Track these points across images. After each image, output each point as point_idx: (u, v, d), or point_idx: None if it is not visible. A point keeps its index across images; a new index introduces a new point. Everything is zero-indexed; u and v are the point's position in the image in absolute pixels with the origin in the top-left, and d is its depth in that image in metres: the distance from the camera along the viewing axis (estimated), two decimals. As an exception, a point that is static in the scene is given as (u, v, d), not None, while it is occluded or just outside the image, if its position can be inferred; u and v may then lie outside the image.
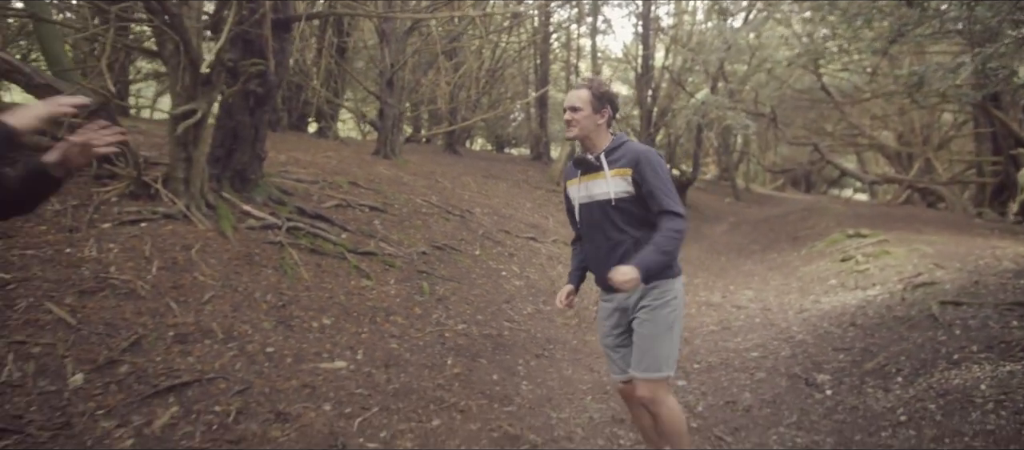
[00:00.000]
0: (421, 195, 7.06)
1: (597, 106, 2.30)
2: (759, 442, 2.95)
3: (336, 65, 12.05)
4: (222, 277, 3.60)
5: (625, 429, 3.14)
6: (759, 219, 14.72)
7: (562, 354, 4.31)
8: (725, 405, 3.44)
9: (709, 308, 6.01)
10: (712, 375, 3.95)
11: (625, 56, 16.88)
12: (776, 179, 26.53)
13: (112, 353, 2.65)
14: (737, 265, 9.01)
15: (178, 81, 4.64)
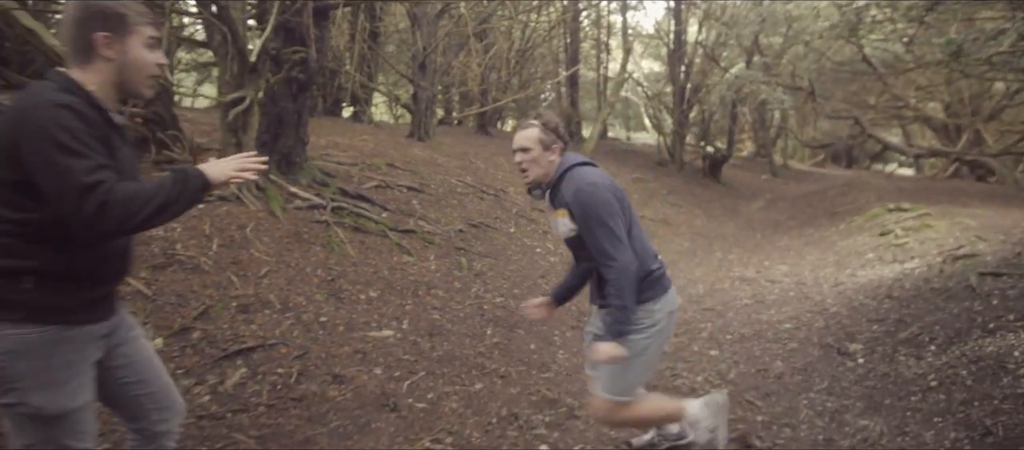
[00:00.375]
0: (456, 176, 7.24)
1: (547, 142, 2.14)
2: (789, 406, 3.05)
3: (369, 50, 12.28)
4: (275, 253, 3.85)
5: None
6: (797, 195, 14.49)
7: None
8: (756, 372, 3.54)
9: (743, 283, 6.05)
10: (744, 345, 4.04)
11: (657, 32, 16.66)
12: (816, 155, 25.88)
13: (185, 320, 2.91)
14: (772, 241, 8.96)
15: (227, 70, 4.89)
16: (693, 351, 3.98)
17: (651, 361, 2.26)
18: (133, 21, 1.42)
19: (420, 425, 2.70)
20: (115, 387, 1.54)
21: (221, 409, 2.48)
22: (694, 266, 7.04)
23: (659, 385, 3.38)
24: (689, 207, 11.03)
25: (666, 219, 9.52)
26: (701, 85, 14.73)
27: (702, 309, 5.05)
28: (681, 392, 3.29)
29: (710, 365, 3.70)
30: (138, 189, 1.30)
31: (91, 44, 1.38)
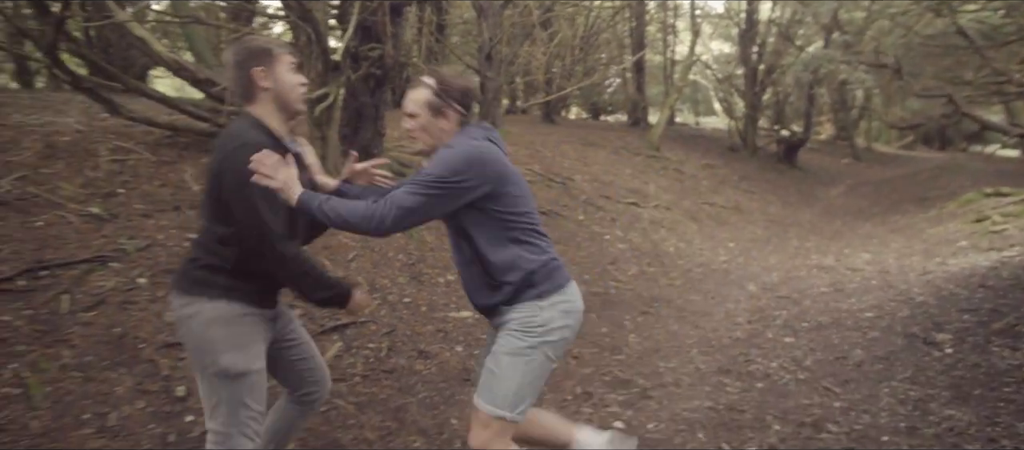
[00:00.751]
0: (523, 164, 7.38)
1: (437, 107, 1.81)
2: (869, 393, 3.00)
3: (436, 42, 12.60)
4: (360, 239, 4.12)
5: (731, 379, 3.30)
6: (881, 180, 13.72)
7: (668, 312, 4.48)
8: (835, 360, 3.48)
9: (820, 271, 5.87)
10: (822, 333, 3.97)
11: (727, 12, 16.09)
12: (904, 136, 24.21)
13: (288, 299, 3.20)
14: (854, 228, 8.58)
15: (311, 69, 5.22)
16: (767, 338, 3.95)
17: (537, 373, 1.81)
18: (276, 52, 1.72)
19: (500, 400, 2.87)
20: (285, 362, 1.90)
21: (322, 379, 2.74)
22: (768, 254, 6.87)
23: (732, 370, 3.41)
24: (763, 194, 10.69)
25: (738, 206, 9.29)
26: (775, 66, 14.15)
27: (777, 297, 4.96)
28: (755, 378, 3.30)
29: (785, 352, 3.67)
30: (298, 259, 1.65)
31: (251, 80, 1.68)
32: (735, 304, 4.79)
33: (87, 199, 3.72)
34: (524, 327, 1.79)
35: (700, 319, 4.37)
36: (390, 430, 2.52)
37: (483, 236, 1.79)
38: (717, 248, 6.81)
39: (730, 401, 3.00)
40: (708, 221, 7.99)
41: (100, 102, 4.37)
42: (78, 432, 2.25)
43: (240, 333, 1.66)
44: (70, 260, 3.05)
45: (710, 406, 2.94)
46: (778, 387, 3.15)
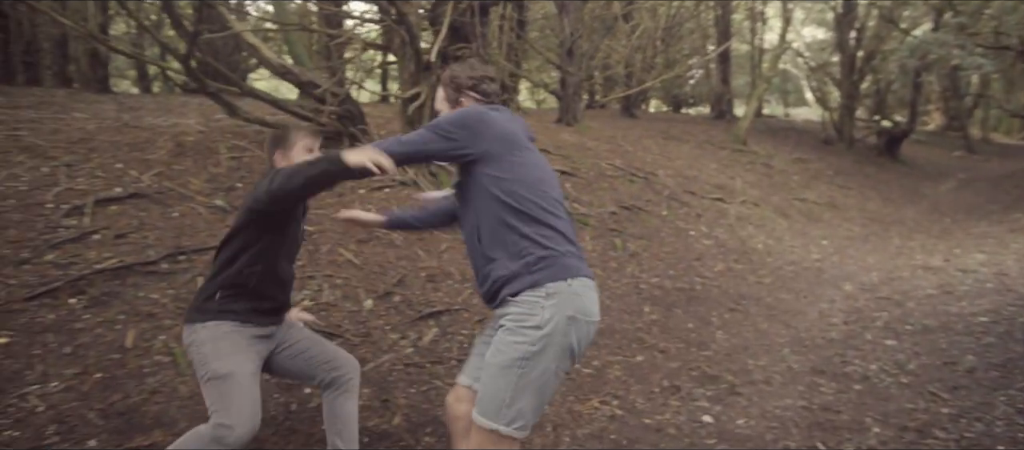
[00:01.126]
0: (605, 159, 7.38)
1: (453, 98, 1.88)
2: (983, 401, 2.83)
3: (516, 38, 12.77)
4: (451, 231, 4.32)
5: (826, 379, 3.21)
6: (1000, 175, 12.51)
7: (756, 310, 4.38)
8: (943, 365, 3.29)
9: (927, 271, 5.50)
10: (928, 337, 3.75)
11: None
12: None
13: (387, 286, 3.44)
14: (965, 227, 7.92)
15: (405, 69, 5.49)
16: (866, 340, 3.78)
17: (541, 385, 1.63)
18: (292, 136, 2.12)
19: (588, 387, 2.96)
20: (284, 362, 2.12)
21: (421, 359, 2.94)
22: (866, 253, 6.50)
23: (826, 371, 3.30)
24: (860, 189, 10.07)
25: (833, 202, 8.82)
26: (875, 52, 13.22)
27: (876, 298, 4.71)
28: (852, 379, 3.19)
29: (886, 354, 3.50)
30: (292, 168, 1.77)
31: (272, 161, 2.10)
32: (830, 304, 4.60)
33: (212, 192, 4.14)
34: (519, 326, 1.61)
35: (792, 318, 4.24)
36: (485, 411, 2.67)
37: (485, 214, 1.69)
38: (809, 246, 6.52)
39: (825, 401, 2.92)
40: (799, 218, 7.65)
41: (221, 104, 4.82)
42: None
43: (226, 345, 1.93)
44: (202, 247, 3.43)
45: (804, 405, 2.88)
46: (878, 389, 3.03)
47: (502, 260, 1.67)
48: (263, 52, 5.46)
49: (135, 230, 3.45)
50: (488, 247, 1.70)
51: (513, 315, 1.64)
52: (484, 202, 1.69)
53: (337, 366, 2.16)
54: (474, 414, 1.67)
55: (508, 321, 1.65)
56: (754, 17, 17.02)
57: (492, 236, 1.69)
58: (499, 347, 1.65)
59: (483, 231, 1.71)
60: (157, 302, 2.95)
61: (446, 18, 4.78)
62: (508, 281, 1.66)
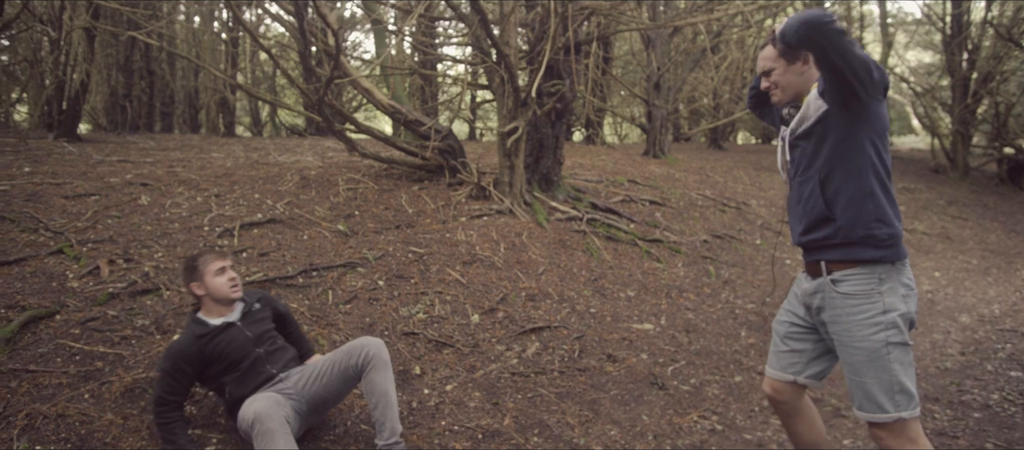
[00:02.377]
0: (694, 189, 7.40)
1: (789, 56, 1.84)
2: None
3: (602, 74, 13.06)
4: (548, 256, 4.56)
5: (941, 407, 3.09)
6: None
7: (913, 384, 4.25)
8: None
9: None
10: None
11: (927, 16, 14.40)
12: None
13: (491, 303, 3.71)
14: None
15: (503, 105, 5.88)
16: (986, 370, 3.58)
17: (897, 364, 1.69)
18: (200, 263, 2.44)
19: (686, 403, 3.04)
20: (313, 397, 2.46)
21: (526, 370, 3.15)
22: (987, 285, 6.06)
23: (941, 399, 3.18)
24: (978, 220, 9.35)
25: (945, 233, 8.26)
26: (992, 73, 12.31)
27: (999, 329, 4.42)
28: (971, 407, 3.06)
29: (1010, 385, 3.32)
30: (168, 432, 2.27)
31: (189, 289, 2.47)
32: (944, 335, 4.37)
33: (334, 219, 4.64)
34: (860, 311, 1.72)
35: (900, 348, 4.08)
36: (587, 419, 2.82)
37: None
38: (920, 278, 6.17)
39: (939, 427, 2.83)
40: (907, 249, 7.25)
41: (344, 142, 5.39)
42: (352, 394, 2.90)
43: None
44: (330, 264, 3.87)
45: (915, 430, 2.81)
46: (1001, 418, 2.89)
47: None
48: (376, 94, 6.05)
49: (274, 250, 3.96)
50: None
51: (845, 304, 1.78)
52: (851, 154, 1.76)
53: (355, 355, 2.39)
54: (859, 414, 1.79)
55: (842, 313, 1.78)
56: (850, 44, 16.34)
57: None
58: (845, 346, 1.79)
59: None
60: (296, 310, 3.38)
61: (544, 57, 5.12)
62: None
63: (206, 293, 2.41)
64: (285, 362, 2.49)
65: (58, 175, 4.90)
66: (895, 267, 1.74)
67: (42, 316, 2.91)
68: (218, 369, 2.35)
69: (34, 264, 3.34)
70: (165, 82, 12.04)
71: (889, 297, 1.71)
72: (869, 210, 1.73)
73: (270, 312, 2.61)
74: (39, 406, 2.37)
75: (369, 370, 2.38)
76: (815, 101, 1.77)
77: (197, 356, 2.31)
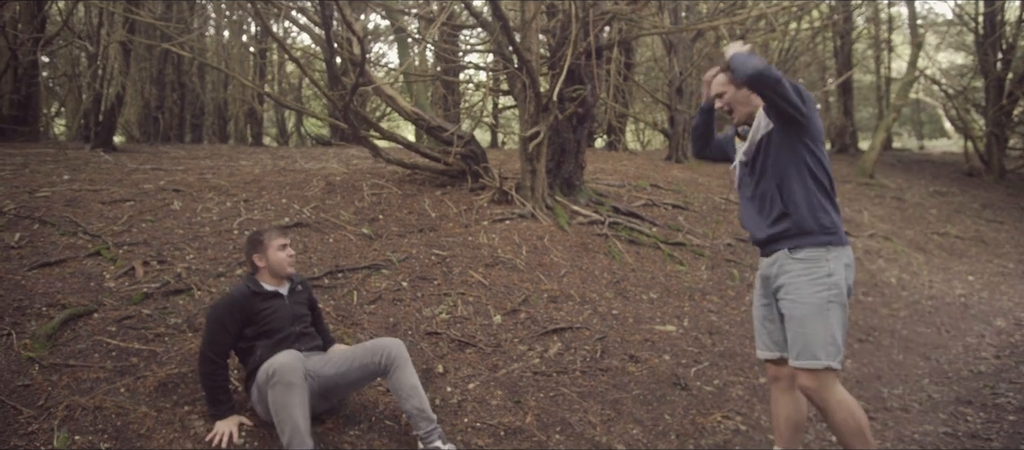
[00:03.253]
0: (718, 194, 7.33)
1: (738, 84, 2.17)
2: None
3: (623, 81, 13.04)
4: (569, 259, 4.57)
5: (974, 410, 3.02)
6: None
7: (890, 342, 4.17)
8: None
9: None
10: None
11: (959, 17, 14.06)
12: None
13: (513, 304, 3.74)
14: None
15: (525, 110, 5.92)
16: (1021, 373, 3.48)
17: (835, 320, 2.02)
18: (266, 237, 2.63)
19: (710, 403, 3.02)
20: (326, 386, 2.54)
21: (548, 369, 3.16)
22: (1023, 290, 5.88)
23: (974, 402, 3.10)
24: (1014, 223, 9.07)
25: (980, 237, 8.04)
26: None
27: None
28: (1006, 410, 2.98)
29: (1047, 388, 3.22)
30: (212, 381, 2.47)
31: (250, 260, 2.64)
32: (978, 339, 4.26)
33: (359, 223, 4.72)
34: (809, 272, 2.07)
35: (931, 351, 3.99)
36: (610, 418, 2.82)
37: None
38: (952, 281, 6.02)
39: (972, 429, 2.76)
40: (938, 252, 7.07)
41: (369, 148, 5.49)
42: (374, 389, 2.95)
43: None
44: (355, 266, 3.94)
45: (947, 432, 2.75)
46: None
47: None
48: (399, 102, 6.14)
49: (301, 252, 4.04)
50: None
51: (797, 268, 2.11)
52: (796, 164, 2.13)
53: (378, 354, 2.48)
54: (796, 362, 2.08)
55: (793, 277, 2.11)
56: (878, 45, 16.07)
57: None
58: (793, 301, 2.11)
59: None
60: (322, 310, 3.44)
61: (566, 62, 5.15)
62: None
63: (266, 265, 2.60)
64: (311, 347, 2.61)
65: (95, 182, 5.08)
66: (840, 247, 2.10)
67: (81, 314, 3.03)
68: (256, 331, 2.49)
69: (73, 265, 3.47)
70: (196, 94, 12.38)
71: (833, 264, 2.06)
72: (814, 203, 2.10)
73: (308, 297, 2.76)
74: (78, 399, 2.47)
75: (395, 370, 2.47)
76: (763, 119, 2.16)
77: (245, 309, 2.48)
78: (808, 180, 2.10)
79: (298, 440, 2.19)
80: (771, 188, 2.13)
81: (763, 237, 2.18)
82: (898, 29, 16.38)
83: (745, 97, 2.22)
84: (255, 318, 2.49)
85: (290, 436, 2.20)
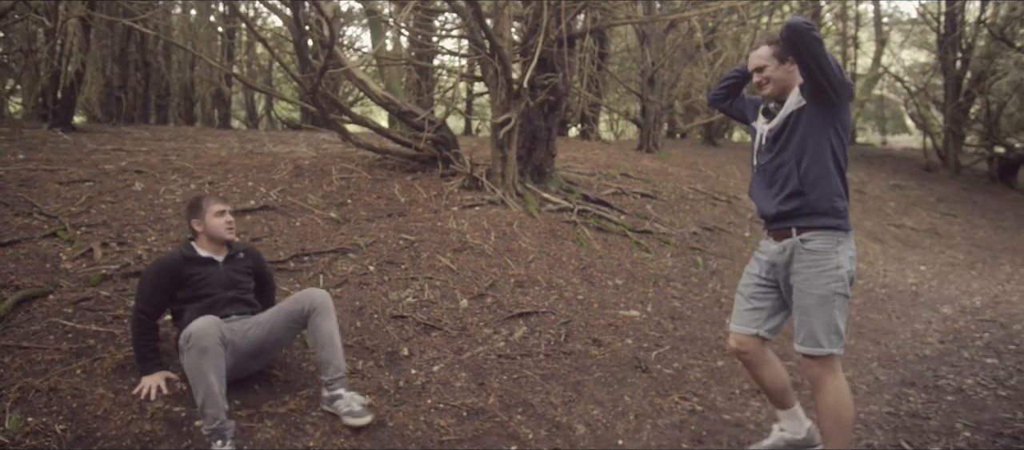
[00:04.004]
0: (686, 183, 7.46)
1: (782, 54, 2.18)
2: (1091, 416, 2.72)
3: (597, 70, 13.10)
4: (537, 245, 4.62)
5: (916, 391, 3.17)
6: None
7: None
8: (1049, 383, 3.16)
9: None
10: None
11: (922, 16, 14.47)
12: None
13: (480, 289, 3.77)
14: (1091, 256, 7.27)
15: (496, 97, 5.93)
16: (963, 357, 3.66)
17: (838, 311, 2.09)
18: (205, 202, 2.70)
19: (669, 385, 3.11)
20: (250, 346, 2.59)
21: (512, 352, 3.21)
22: (971, 279, 6.16)
23: (917, 384, 3.26)
24: (967, 216, 9.45)
25: (934, 229, 8.36)
26: (985, 72, 12.40)
27: (979, 320, 4.51)
28: (945, 391, 3.13)
29: (985, 371, 3.40)
30: (140, 338, 2.56)
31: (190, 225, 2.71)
32: (925, 325, 4.45)
33: (327, 207, 4.68)
34: (818, 264, 2.13)
35: (881, 336, 4.16)
36: (571, 399, 2.89)
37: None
38: (905, 270, 6.26)
39: (913, 409, 2.91)
40: (894, 243, 7.34)
41: (339, 132, 5.44)
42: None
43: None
44: (321, 250, 3.92)
45: (890, 411, 2.89)
46: (973, 401, 2.97)
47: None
48: (371, 86, 6.08)
49: (267, 235, 4.01)
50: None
51: (809, 259, 2.15)
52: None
53: (300, 304, 2.57)
54: (800, 348, 2.17)
55: (804, 267, 2.15)
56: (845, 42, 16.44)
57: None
58: (803, 292, 2.15)
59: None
60: (287, 294, 3.42)
61: (536, 50, 5.17)
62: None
63: (204, 230, 2.68)
64: (243, 312, 2.67)
65: (52, 162, 4.93)
66: (847, 234, 2.15)
67: (35, 295, 2.96)
68: (187, 295, 2.58)
69: (28, 246, 3.38)
70: (161, 74, 12.03)
71: (842, 257, 2.12)
72: (831, 187, 2.13)
73: (252, 266, 2.82)
74: (31, 380, 2.42)
75: (314, 316, 2.57)
76: (796, 96, 2.17)
77: (177, 273, 2.57)
78: (829, 163, 2.11)
79: (211, 402, 2.23)
80: (790, 163, 2.14)
81: (772, 212, 2.20)
82: (864, 26, 16.78)
83: (786, 73, 2.19)
84: (185, 282, 2.57)
85: (204, 399, 2.23)
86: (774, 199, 2.20)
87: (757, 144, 2.31)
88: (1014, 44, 11.68)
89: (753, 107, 2.43)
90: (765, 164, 2.25)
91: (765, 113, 2.31)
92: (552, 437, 2.58)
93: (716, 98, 2.56)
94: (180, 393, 2.49)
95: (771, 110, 2.27)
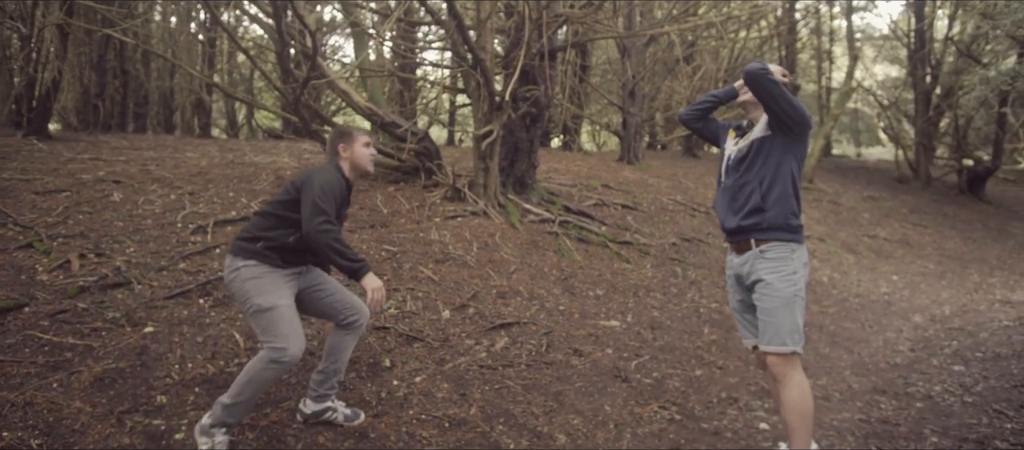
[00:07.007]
0: (666, 195, 7.57)
1: None
2: (1051, 421, 2.83)
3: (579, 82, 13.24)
4: (519, 256, 4.66)
5: (887, 398, 3.26)
6: (1097, 214, 11.68)
7: (818, 337, 4.43)
8: (1012, 388, 3.27)
9: (1005, 306, 5.34)
10: (999, 363, 3.70)
11: (893, 32, 14.89)
12: None
13: (462, 300, 3.80)
14: (1055, 265, 7.52)
15: (478, 109, 5.98)
16: (932, 365, 3.77)
17: (799, 309, 2.30)
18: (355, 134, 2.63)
19: (648, 394, 3.16)
20: (313, 301, 2.55)
21: (494, 363, 3.24)
22: (940, 288, 6.33)
23: (888, 391, 3.35)
24: (937, 228, 9.71)
25: (905, 240, 8.57)
26: (953, 87, 12.79)
27: (948, 328, 4.64)
28: (914, 398, 3.23)
29: (952, 378, 3.50)
30: (341, 243, 2.35)
31: (335, 150, 2.60)
32: (896, 333, 4.57)
33: (309, 218, 4.67)
34: (780, 269, 2.32)
35: (855, 345, 4.26)
36: (552, 409, 2.92)
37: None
38: (878, 280, 6.42)
39: (883, 416, 2.99)
40: (868, 254, 7.52)
41: (321, 143, 5.43)
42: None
43: (265, 282, 2.34)
44: (303, 262, 3.91)
45: (862, 419, 2.96)
46: (940, 407, 3.06)
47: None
48: (354, 97, 6.10)
49: (248, 247, 3.98)
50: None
51: (770, 265, 2.33)
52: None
53: (356, 312, 2.58)
54: (766, 347, 2.32)
55: (767, 273, 2.32)
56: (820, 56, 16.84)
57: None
58: (767, 295, 2.32)
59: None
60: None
61: (518, 63, 5.23)
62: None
63: (350, 156, 2.61)
64: None
65: (28, 171, 4.86)
66: (800, 245, 2.37)
67: (10, 308, 2.92)
68: (339, 211, 2.53)
69: (3, 258, 3.33)
70: (139, 82, 11.89)
71: (797, 263, 2.34)
72: (788, 207, 2.35)
73: None
74: (6, 394, 2.39)
75: (352, 331, 2.60)
76: (763, 125, 2.40)
77: (344, 189, 2.54)
78: (788, 186, 2.34)
79: (245, 409, 2.31)
80: (753, 183, 2.35)
81: (733, 226, 2.41)
82: (838, 42, 17.21)
83: (755, 100, 2.43)
84: (343, 200, 2.54)
85: (247, 400, 2.29)
86: (736, 215, 2.40)
87: (724, 164, 2.53)
88: (981, 61, 12.08)
89: (723, 131, 2.65)
90: (730, 184, 2.46)
91: (738, 130, 2.56)
92: (533, 447, 2.61)
93: (689, 117, 2.72)
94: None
95: (744, 128, 2.52)
